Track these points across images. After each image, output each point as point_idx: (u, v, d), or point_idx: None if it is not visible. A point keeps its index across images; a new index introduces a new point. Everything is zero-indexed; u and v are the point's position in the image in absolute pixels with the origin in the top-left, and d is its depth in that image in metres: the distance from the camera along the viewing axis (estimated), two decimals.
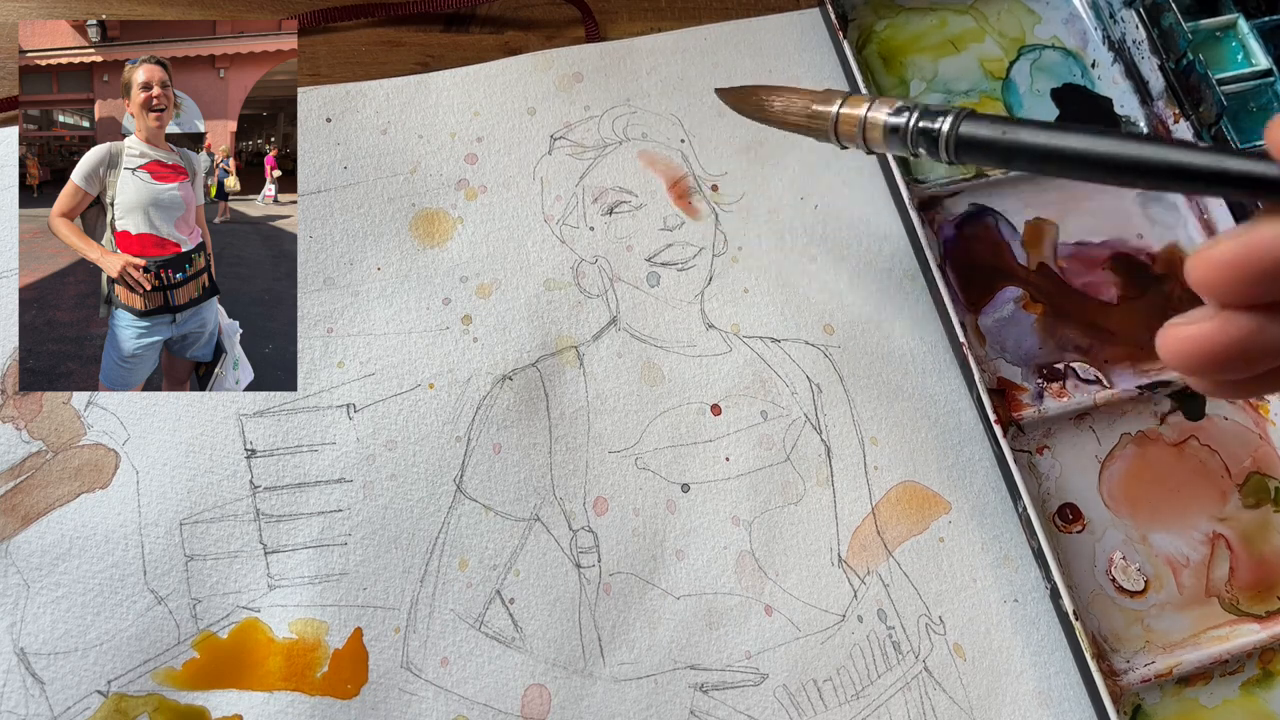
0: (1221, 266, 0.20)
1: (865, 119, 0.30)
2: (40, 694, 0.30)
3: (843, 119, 0.31)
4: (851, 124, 0.31)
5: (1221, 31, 0.43)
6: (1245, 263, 0.20)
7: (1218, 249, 0.20)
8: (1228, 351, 0.21)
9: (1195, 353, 0.21)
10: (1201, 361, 0.21)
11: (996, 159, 0.27)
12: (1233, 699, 0.35)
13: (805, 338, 0.38)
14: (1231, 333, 0.21)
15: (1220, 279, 0.20)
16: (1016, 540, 0.36)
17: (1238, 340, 0.21)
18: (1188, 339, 0.21)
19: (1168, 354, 0.22)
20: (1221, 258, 0.20)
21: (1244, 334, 0.21)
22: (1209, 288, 0.21)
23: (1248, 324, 0.21)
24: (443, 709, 0.31)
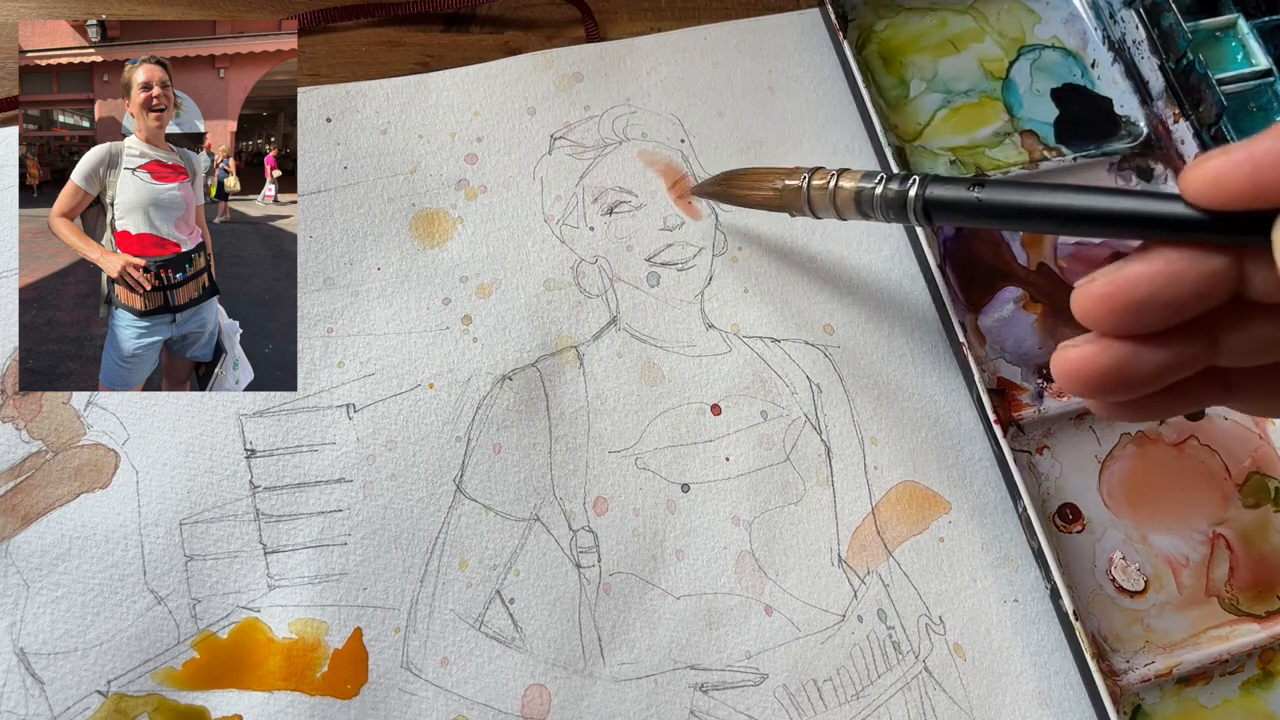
0: (1097, 299, 0.22)
1: (835, 188, 0.32)
2: (40, 694, 0.30)
3: (814, 190, 0.32)
4: (822, 194, 0.32)
5: (1221, 31, 0.43)
6: (1115, 298, 0.22)
7: (1095, 284, 0.22)
8: (1105, 375, 0.23)
9: (1076, 374, 0.23)
10: (1082, 383, 0.23)
11: (964, 218, 0.27)
12: (1233, 699, 0.35)
13: (805, 338, 0.38)
14: (1107, 358, 0.23)
15: (1095, 311, 0.22)
16: (1016, 540, 0.36)
17: (1112, 365, 0.23)
18: (1070, 361, 0.23)
19: (1056, 374, 0.24)
20: (1097, 292, 0.22)
21: (1118, 360, 0.22)
22: (1086, 319, 0.22)
23: (1122, 351, 0.22)
24: (443, 709, 0.31)
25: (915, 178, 0.29)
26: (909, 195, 0.29)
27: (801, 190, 0.33)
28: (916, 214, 0.29)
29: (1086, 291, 0.22)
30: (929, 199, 0.28)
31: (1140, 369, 0.22)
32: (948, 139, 0.43)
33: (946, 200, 0.27)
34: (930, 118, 0.43)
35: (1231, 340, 0.23)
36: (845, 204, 0.31)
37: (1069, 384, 0.23)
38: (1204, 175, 0.20)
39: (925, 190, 0.28)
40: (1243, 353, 0.23)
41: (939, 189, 0.28)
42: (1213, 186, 0.20)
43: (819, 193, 0.32)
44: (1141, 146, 0.43)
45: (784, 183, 0.34)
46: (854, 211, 0.31)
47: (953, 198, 0.27)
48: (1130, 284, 0.21)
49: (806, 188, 0.33)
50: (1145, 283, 0.21)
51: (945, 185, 0.28)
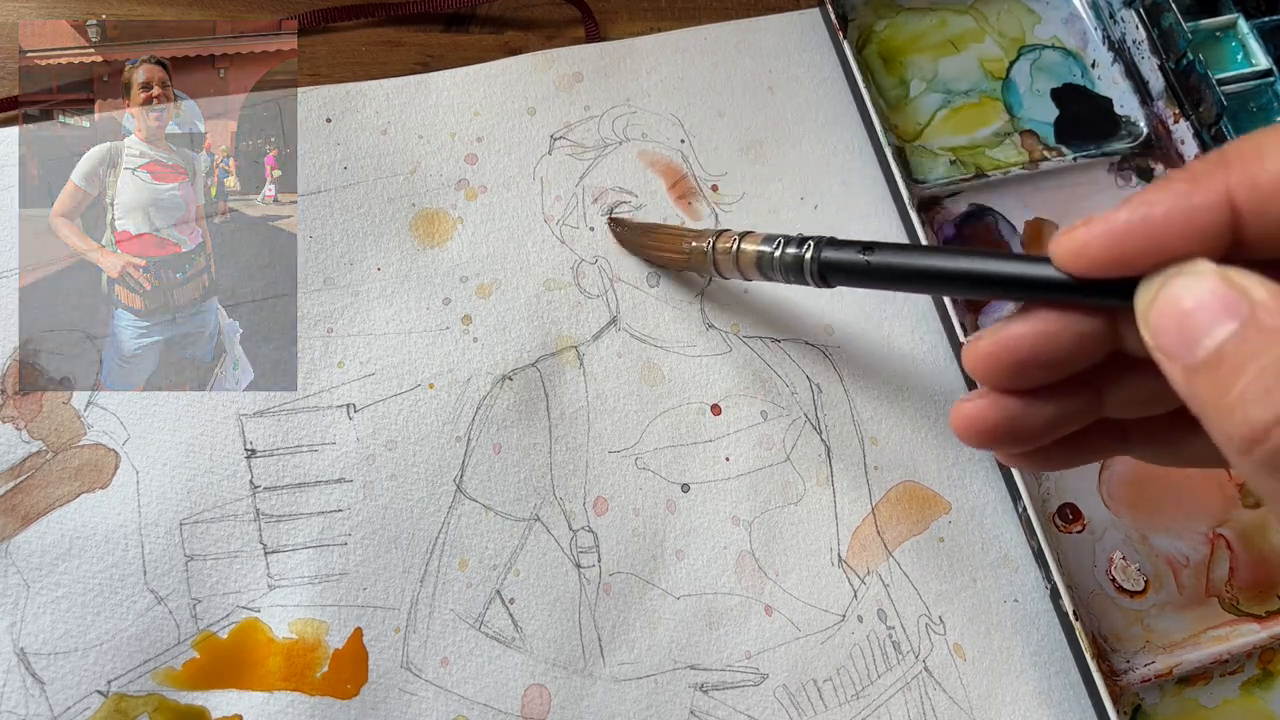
0: (981, 358, 0.23)
1: (738, 251, 0.32)
2: (40, 694, 0.30)
3: (718, 253, 0.33)
4: (727, 256, 0.33)
5: (1221, 31, 0.43)
6: (998, 356, 0.23)
7: (981, 343, 0.23)
8: (996, 428, 0.24)
9: (970, 427, 0.24)
10: (974, 434, 0.24)
11: (858, 280, 0.28)
12: (1233, 699, 0.35)
13: (805, 338, 0.38)
14: (997, 412, 0.24)
15: (981, 368, 0.23)
16: (1016, 540, 0.36)
17: (1001, 418, 0.24)
18: (965, 415, 0.24)
19: (953, 425, 0.25)
20: (982, 350, 0.23)
21: (1008, 414, 0.24)
22: (975, 374, 0.24)
23: (1011, 405, 0.24)
24: (443, 709, 0.31)
25: (810, 242, 0.30)
26: (805, 258, 0.29)
27: (707, 253, 0.34)
28: (813, 276, 0.30)
29: (973, 349, 0.23)
30: (823, 262, 0.29)
31: (1029, 422, 0.24)
32: (948, 139, 0.43)
33: (839, 263, 0.29)
34: (930, 118, 0.43)
35: (1115, 394, 0.24)
36: (748, 266, 0.32)
37: (965, 436, 0.24)
38: (1069, 245, 0.21)
39: (820, 254, 0.29)
40: (1127, 405, 0.24)
41: (831, 253, 0.29)
42: (1076, 256, 0.21)
43: (723, 256, 0.33)
44: (1141, 146, 0.43)
45: (691, 244, 0.34)
46: (756, 273, 0.32)
47: (844, 260, 0.28)
48: (1012, 343, 0.23)
49: (712, 250, 0.33)
50: (1026, 342, 0.22)
51: (838, 249, 0.29)
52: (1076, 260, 0.21)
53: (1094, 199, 0.42)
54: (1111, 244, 0.20)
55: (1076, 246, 0.21)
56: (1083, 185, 0.42)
